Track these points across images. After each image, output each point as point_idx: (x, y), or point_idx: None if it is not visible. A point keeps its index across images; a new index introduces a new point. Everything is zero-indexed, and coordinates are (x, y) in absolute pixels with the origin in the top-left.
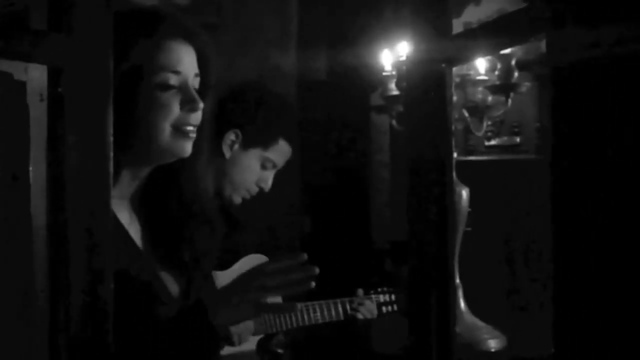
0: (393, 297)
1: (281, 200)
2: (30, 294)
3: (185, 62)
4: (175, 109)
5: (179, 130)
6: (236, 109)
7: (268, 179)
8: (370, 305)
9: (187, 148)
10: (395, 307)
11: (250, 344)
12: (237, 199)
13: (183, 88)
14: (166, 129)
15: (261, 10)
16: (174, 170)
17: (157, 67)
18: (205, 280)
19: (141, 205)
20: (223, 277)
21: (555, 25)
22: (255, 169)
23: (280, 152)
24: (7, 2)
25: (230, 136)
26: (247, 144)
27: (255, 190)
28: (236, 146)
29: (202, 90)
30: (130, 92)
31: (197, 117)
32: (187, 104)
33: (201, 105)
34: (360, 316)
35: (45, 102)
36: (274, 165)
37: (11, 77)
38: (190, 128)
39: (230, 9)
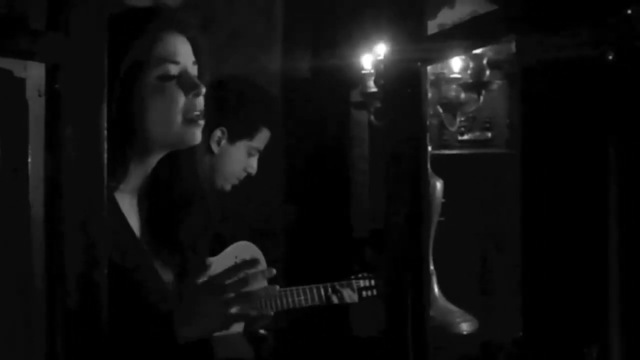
0: (372, 282)
1: (266, 190)
2: (28, 279)
3: (182, 52)
4: (181, 98)
5: (187, 118)
6: (219, 106)
7: (254, 164)
8: (349, 290)
9: (198, 135)
10: (374, 292)
11: (237, 326)
12: (228, 187)
13: (184, 76)
14: (176, 118)
15: (248, 12)
16: (176, 156)
17: (157, 60)
18: (200, 264)
19: (145, 194)
20: (214, 263)
21: (524, 27)
22: (243, 159)
23: (263, 138)
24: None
25: (217, 133)
26: (233, 138)
27: (243, 175)
28: (223, 141)
29: (201, 77)
30: (134, 87)
31: (201, 102)
32: (191, 90)
33: (203, 89)
34: (340, 300)
35: (44, 97)
36: (258, 151)
37: (11, 74)
38: (197, 114)
39: (218, 11)
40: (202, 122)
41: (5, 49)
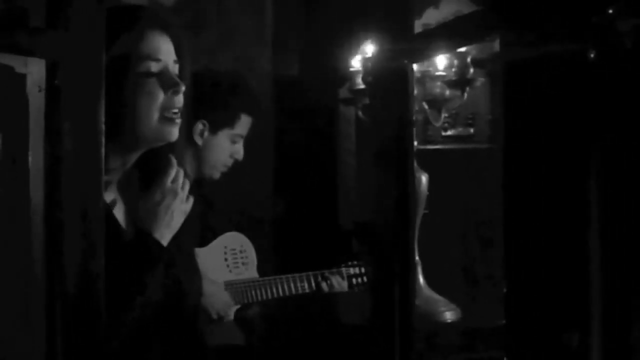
0: (362, 269)
1: (256, 183)
2: (28, 267)
3: (164, 50)
4: (160, 95)
5: (164, 115)
6: (197, 99)
7: (239, 150)
8: (339, 278)
9: (174, 132)
10: (364, 279)
11: (230, 313)
12: (217, 175)
13: (164, 73)
14: (154, 115)
15: (240, 12)
16: (157, 151)
17: (139, 57)
18: (186, 257)
19: (127, 187)
20: (203, 254)
21: (507, 27)
22: (227, 146)
23: (244, 124)
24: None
25: (199, 126)
26: (215, 129)
27: (230, 162)
28: (206, 133)
29: (181, 76)
30: (115, 82)
31: (180, 100)
32: (170, 88)
33: (183, 87)
34: (330, 288)
35: (44, 92)
36: (241, 137)
37: (12, 70)
38: (175, 111)
39: (211, 10)
40: (179, 121)
41: (6, 46)
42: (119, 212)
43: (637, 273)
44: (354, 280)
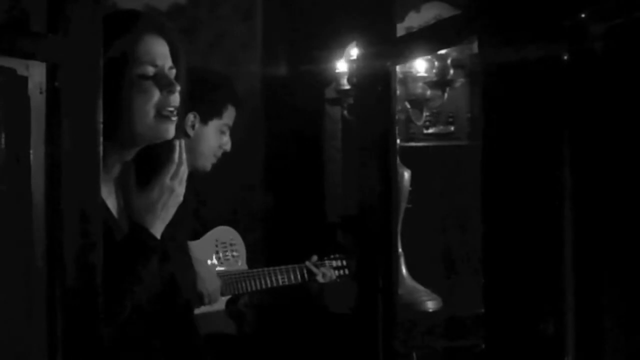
0: (345, 262)
1: (246, 179)
2: (30, 260)
3: (160, 53)
4: (156, 94)
5: (160, 113)
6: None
7: (228, 141)
8: (327, 270)
9: (171, 130)
10: (347, 271)
11: (219, 304)
12: (209, 166)
13: (160, 75)
14: (150, 113)
15: (231, 17)
16: (158, 150)
17: (137, 60)
18: (179, 250)
19: (124, 182)
20: (196, 246)
21: (484, 30)
22: (216, 137)
23: (231, 115)
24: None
25: (190, 117)
26: (205, 119)
27: (220, 152)
28: (196, 124)
29: (177, 78)
30: (113, 83)
31: (175, 99)
32: (165, 88)
33: (178, 87)
34: (319, 279)
35: (44, 94)
36: (228, 127)
37: (14, 72)
38: (170, 109)
39: (204, 15)
40: (175, 118)
41: (9, 50)
42: (114, 207)
43: (609, 265)
44: (336, 272)
